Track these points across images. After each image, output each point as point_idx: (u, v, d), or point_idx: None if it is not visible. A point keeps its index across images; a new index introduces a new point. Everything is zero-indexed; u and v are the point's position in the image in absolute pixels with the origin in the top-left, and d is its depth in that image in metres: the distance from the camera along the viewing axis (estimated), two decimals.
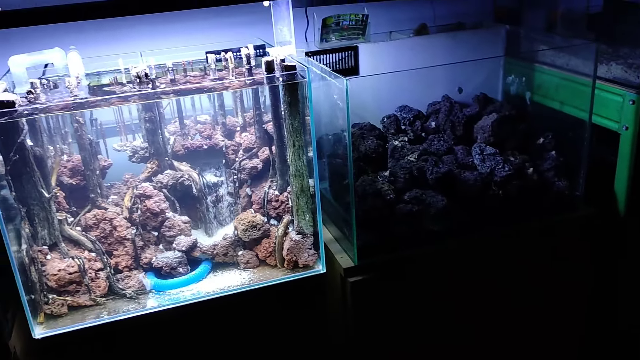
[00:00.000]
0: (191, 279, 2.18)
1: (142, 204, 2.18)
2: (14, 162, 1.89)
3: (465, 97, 2.86)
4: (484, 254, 2.39)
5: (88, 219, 2.14)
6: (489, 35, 2.87)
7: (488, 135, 2.50)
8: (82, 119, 2.09)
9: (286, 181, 2.22)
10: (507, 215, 2.41)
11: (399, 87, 2.78)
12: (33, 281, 1.98)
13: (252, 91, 2.33)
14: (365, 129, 2.54)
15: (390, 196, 2.31)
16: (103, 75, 2.23)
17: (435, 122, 2.62)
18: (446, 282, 2.37)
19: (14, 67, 2.10)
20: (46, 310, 2.02)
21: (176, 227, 2.21)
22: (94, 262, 2.09)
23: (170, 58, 2.16)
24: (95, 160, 2.16)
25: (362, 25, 2.69)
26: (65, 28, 2.27)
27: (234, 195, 2.32)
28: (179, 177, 2.23)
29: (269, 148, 2.28)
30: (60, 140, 2.24)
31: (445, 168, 2.34)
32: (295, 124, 2.07)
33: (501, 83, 2.94)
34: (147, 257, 2.18)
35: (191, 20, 2.60)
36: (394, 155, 2.44)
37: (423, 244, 2.31)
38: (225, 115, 2.43)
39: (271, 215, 2.26)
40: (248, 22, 2.63)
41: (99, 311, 2.06)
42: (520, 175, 2.43)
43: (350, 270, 2.25)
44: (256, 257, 2.26)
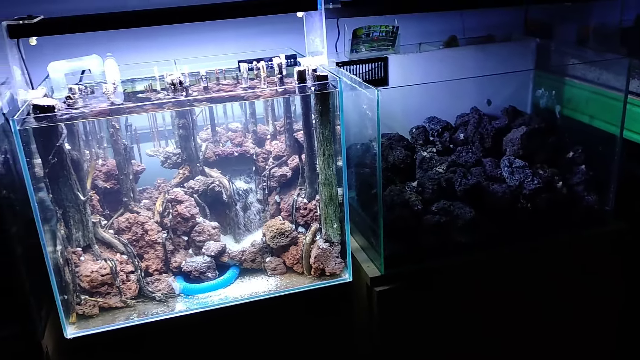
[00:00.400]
0: (219, 284, 2.21)
1: (173, 208, 2.22)
2: (52, 165, 1.94)
3: (493, 110, 2.85)
4: (512, 267, 2.37)
5: (121, 222, 2.18)
6: (519, 48, 2.87)
7: (517, 148, 2.49)
8: (117, 124, 2.15)
9: (315, 189, 2.25)
10: (536, 229, 2.40)
11: (428, 98, 2.79)
12: (67, 282, 2.02)
13: (283, 100, 2.37)
14: (393, 139, 2.55)
15: (417, 207, 2.31)
16: (138, 82, 2.28)
17: (463, 133, 2.62)
18: (473, 294, 2.36)
19: (53, 72, 2.16)
20: (78, 310, 2.07)
21: (206, 232, 2.24)
22: (126, 265, 2.13)
23: (204, 66, 2.21)
24: (129, 165, 2.21)
25: (392, 37, 2.71)
26: (103, 36, 2.34)
27: (263, 202, 2.35)
28: (209, 183, 2.27)
29: (298, 156, 2.30)
30: (96, 144, 2.30)
31: (473, 180, 2.34)
32: (326, 133, 2.09)
33: (530, 96, 2.93)
34: (177, 261, 2.21)
35: (224, 30, 2.65)
36: (422, 166, 2.45)
37: (450, 255, 2.31)
38: (256, 124, 2.47)
39: (299, 223, 2.28)
40: (279, 32, 2.67)
41: (129, 313, 2.10)
42: (549, 188, 2.41)
43: (377, 280, 2.25)
44: (283, 264, 2.28)
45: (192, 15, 2.12)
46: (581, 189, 2.47)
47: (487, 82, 2.81)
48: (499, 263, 2.36)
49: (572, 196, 2.46)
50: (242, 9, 2.10)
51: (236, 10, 2.12)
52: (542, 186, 2.37)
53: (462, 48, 2.82)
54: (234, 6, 2.12)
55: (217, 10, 2.11)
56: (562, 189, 2.43)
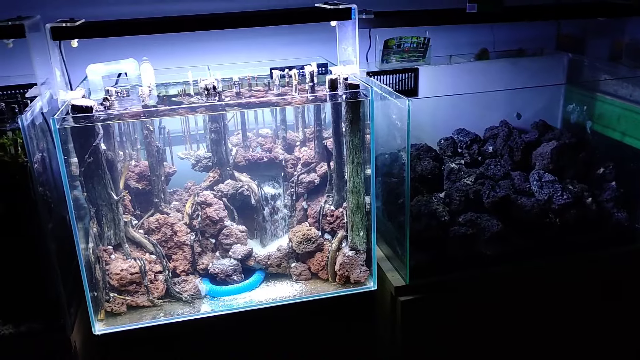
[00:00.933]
0: (245, 287, 2.23)
1: (202, 211, 2.25)
2: (88, 164, 1.99)
3: (523, 123, 2.85)
4: (538, 281, 2.35)
5: (151, 222, 2.22)
6: (551, 63, 2.86)
7: (547, 163, 2.47)
8: (152, 126, 2.19)
9: (342, 197, 2.26)
10: (564, 245, 2.38)
11: (457, 110, 2.79)
12: (97, 279, 2.07)
13: (314, 107, 2.39)
14: (421, 150, 2.55)
15: (444, 218, 2.32)
16: (172, 87, 2.32)
17: (492, 146, 2.62)
18: (497, 307, 2.35)
19: (91, 75, 2.22)
20: (106, 307, 2.11)
21: (233, 235, 2.27)
22: (154, 265, 2.17)
23: (236, 73, 2.24)
24: (160, 167, 2.26)
25: (423, 48, 2.73)
26: (139, 40, 2.40)
27: (290, 208, 2.37)
28: (239, 187, 2.30)
29: (327, 163, 2.32)
30: (130, 145, 2.35)
31: (502, 192, 2.34)
32: (355, 141, 2.11)
33: (561, 111, 2.91)
34: (204, 263, 2.25)
35: (257, 38, 2.69)
36: (450, 178, 2.45)
37: (476, 267, 2.30)
38: (286, 130, 2.49)
39: (325, 230, 2.29)
40: (311, 41, 2.71)
41: (156, 312, 2.13)
42: (578, 204, 2.39)
43: (402, 289, 2.25)
44: (308, 270, 2.29)
45: (228, 22, 2.16)
46: (611, 205, 2.45)
47: (517, 95, 2.81)
48: (525, 277, 2.34)
49: (602, 213, 2.43)
50: (278, 17, 2.14)
51: (272, 18, 2.15)
52: (571, 201, 2.35)
53: (493, 61, 2.82)
54: (270, 14, 2.16)
55: (253, 17, 2.15)
56: (592, 205, 2.41)
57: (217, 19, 2.14)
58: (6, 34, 1.92)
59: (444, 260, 2.30)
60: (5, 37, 1.95)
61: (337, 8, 2.15)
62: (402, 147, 2.22)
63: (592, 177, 2.53)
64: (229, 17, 2.14)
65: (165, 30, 2.14)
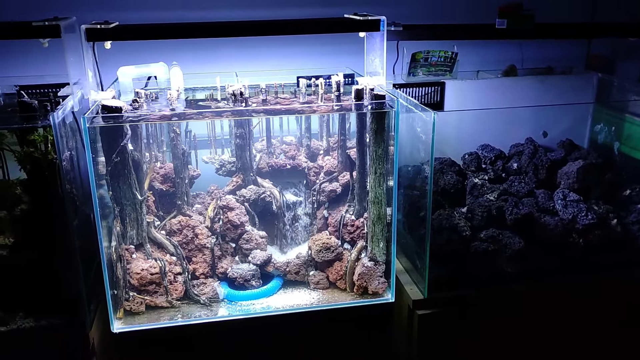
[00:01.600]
0: (262, 292, 2.24)
1: (224, 215, 2.27)
2: (114, 164, 2.03)
3: (549, 142, 2.82)
4: (558, 301, 2.32)
5: (173, 224, 2.25)
6: (579, 82, 2.83)
7: (572, 182, 2.44)
8: (178, 129, 2.22)
9: (363, 207, 2.26)
10: (588, 265, 2.34)
11: (482, 126, 2.78)
12: (118, 277, 2.09)
13: (339, 117, 2.40)
14: (445, 163, 2.55)
15: (466, 233, 2.30)
16: (200, 91, 2.36)
17: (517, 163, 2.60)
18: (516, 325, 2.31)
19: (122, 77, 2.26)
20: (126, 306, 2.13)
21: (253, 240, 2.28)
22: (174, 266, 2.19)
23: (264, 80, 2.27)
24: (185, 170, 2.28)
25: (450, 63, 2.73)
26: (170, 45, 2.45)
27: (311, 216, 2.38)
28: (261, 193, 2.31)
29: (349, 173, 2.33)
30: (156, 147, 2.39)
31: (525, 210, 2.31)
32: (379, 152, 2.11)
33: (588, 131, 2.88)
34: (223, 267, 2.26)
35: (285, 47, 2.72)
36: (473, 193, 2.43)
37: (496, 284, 2.28)
38: (310, 138, 2.51)
39: (345, 239, 2.29)
40: (339, 52, 2.72)
41: (174, 313, 2.14)
42: (603, 225, 2.36)
43: (420, 303, 2.24)
44: (327, 279, 2.29)
45: (258, 29, 2.19)
46: (637, 228, 2.41)
47: (544, 113, 2.79)
48: (547, 296, 2.31)
49: (627, 235, 2.39)
50: (308, 27, 2.16)
51: (302, 27, 2.17)
52: (596, 222, 2.32)
53: (521, 78, 2.81)
54: (301, 23, 2.18)
55: (284, 26, 2.17)
56: (617, 226, 2.37)
57: (247, 26, 2.18)
58: (42, 33, 1.97)
59: (463, 276, 2.27)
60: (42, 36, 2.00)
61: (367, 19, 2.16)
62: (426, 160, 2.21)
63: (618, 199, 2.49)
64: (259, 24, 2.17)
65: (196, 35, 2.18)
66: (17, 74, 2.42)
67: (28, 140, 1.97)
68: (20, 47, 2.38)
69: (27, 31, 1.97)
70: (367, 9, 2.40)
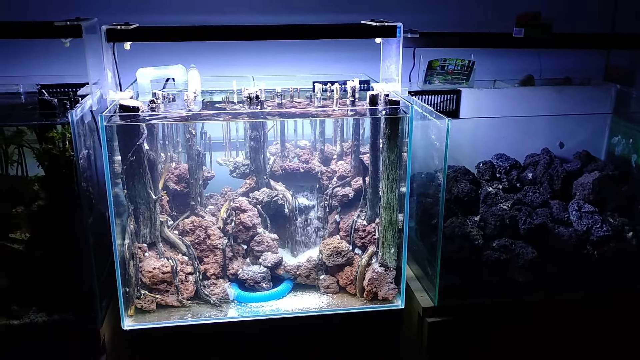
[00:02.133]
0: (272, 295, 2.25)
1: (236, 216, 2.28)
2: (130, 163, 2.06)
3: (565, 153, 2.80)
4: (571, 313, 2.29)
5: (186, 224, 2.27)
6: (597, 93, 2.80)
7: (588, 193, 2.42)
8: (194, 130, 2.25)
9: (375, 212, 2.26)
10: (601, 278, 2.31)
11: (498, 135, 2.77)
12: (130, 275, 2.12)
13: (353, 122, 2.41)
14: (459, 172, 2.54)
15: (478, 241, 2.29)
16: (217, 94, 2.39)
17: (532, 173, 2.58)
18: (527, 335, 2.29)
19: (140, 78, 2.30)
20: (137, 304, 2.15)
21: (265, 243, 2.29)
22: (186, 266, 2.21)
23: (280, 85, 2.29)
24: (199, 171, 2.31)
25: (467, 71, 2.72)
26: (189, 48, 2.48)
27: (323, 220, 2.38)
28: (274, 195, 2.33)
29: (362, 178, 2.33)
30: (172, 148, 2.41)
31: (539, 220, 2.30)
32: (392, 158, 2.11)
33: (606, 143, 2.85)
34: (234, 268, 2.27)
35: (303, 53, 2.74)
36: (487, 202, 2.42)
37: (507, 293, 2.26)
38: (324, 143, 2.52)
39: (356, 244, 2.29)
40: (355, 59, 2.74)
41: (184, 313, 2.16)
42: (618, 238, 2.33)
43: (430, 310, 2.23)
44: (337, 284, 2.29)
45: (276, 33, 2.21)
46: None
47: (561, 124, 2.77)
48: (559, 307, 2.28)
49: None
50: (326, 32, 2.17)
51: (320, 32, 2.19)
52: (610, 234, 2.29)
53: (538, 88, 2.79)
54: (319, 28, 2.19)
55: (302, 30, 2.19)
56: (632, 239, 2.34)
57: (264, 30, 2.20)
58: (64, 33, 2.01)
59: (474, 284, 2.26)
60: (64, 36, 2.04)
61: (383, 25, 2.17)
62: (439, 168, 2.21)
63: (635, 212, 2.46)
64: (276, 28, 2.19)
65: (213, 38, 2.20)
66: (39, 74, 2.47)
67: (47, 137, 2.00)
68: (43, 47, 2.43)
69: (50, 31, 2.01)
70: (386, 17, 2.42)
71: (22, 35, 2.06)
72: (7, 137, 2.16)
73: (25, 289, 2.09)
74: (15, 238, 2.11)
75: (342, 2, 2.75)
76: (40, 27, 2.02)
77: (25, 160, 2.21)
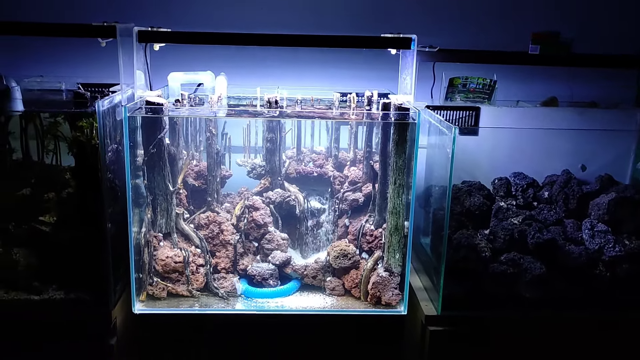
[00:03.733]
0: (278, 292, 2.31)
1: (249, 214, 2.38)
2: (151, 155, 2.19)
3: (588, 176, 2.76)
4: (578, 333, 2.24)
5: (201, 218, 2.38)
6: (622, 117, 2.78)
7: (603, 213, 2.39)
8: (214, 129, 2.38)
9: (383, 218, 2.31)
10: (613, 300, 2.27)
11: (519, 155, 2.76)
12: (144, 262, 2.23)
13: (366, 130, 2.49)
14: (474, 187, 2.55)
15: (485, 254, 2.29)
16: (242, 100, 2.51)
17: (548, 192, 2.57)
18: (529, 351, 2.25)
19: (171, 82, 2.44)
20: (149, 290, 2.26)
21: (275, 241, 2.37)
22: (198, 258, 2.31)
23: (302, 94, 2.39)
24: (218, 169, 2.42)
25: (488, 90, 2.76)
26: (221, 59, 2.63)
27: (333, 223, 2.44)
28: (286, 196, 2.41)
29: (372, 184, 2.39)
30: (194, 147, 2.55)
31: (548, 235, 2.28)
32: (399, 163, 2.17)
33: (631, 168, 2.80)
34: (244, 264, 2.35)
35: (328, 69, 2.86)
36: (498, 216, 2.42)
37: (512, 308, 2.24)
38: (338, 149, 2.60)
39: (363, 248, 2.34)
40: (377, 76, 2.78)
41: (192, 303, 2.25)
42: (633, 259, 2.28)
43: (432, 319, 2.23)
44: (342, 286, 2.34)
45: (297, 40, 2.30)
46: None
47: (583, 145, 2.75)
48: (565, 326, 2.24)
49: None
50: (343, 41, 2.26)
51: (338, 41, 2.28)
52: (623, 254, 2.25)
53: (560, 109, 2.79)
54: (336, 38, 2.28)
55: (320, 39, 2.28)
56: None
57: (286, 37, 2.29)
58: (100, 33, 2.19)
59: (479, 296, 2.26)
60: (100, 35, 2.21)
61: (398, 37, 2.26)
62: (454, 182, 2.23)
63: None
64: (296, 37, 2.29)
65: (237, 42, 2.31)
66: (83, 75, 2.67)
67: (77, 126, 2.17)
68: (88, 51, 2.62)
69: (87, 31, 2.18)
70: None
71: (63, 33, 2.24)
72: (44, 128, 2.34)
73: (48, 268, 2.23)
74: (44, 221, 2.27)
75: (368, 24, 2.85)
76: (78, 27, 2.20)
77: (60, 151, 2.39)
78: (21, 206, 2.27)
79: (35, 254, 2.24)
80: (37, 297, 2.19)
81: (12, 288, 2.22)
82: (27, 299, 2.18)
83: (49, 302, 2.18)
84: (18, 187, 2.30)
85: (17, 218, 2.26)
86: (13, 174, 2.36)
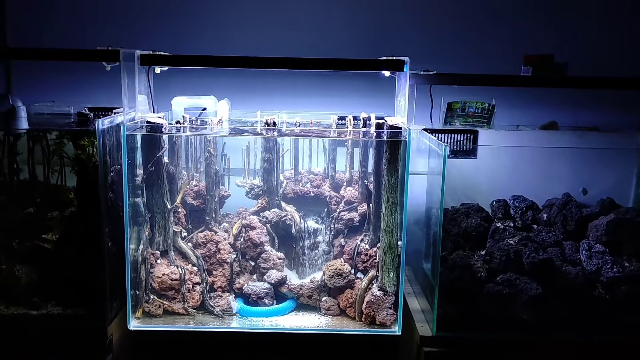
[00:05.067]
0: (273, 311, 2.32)
1: (246, 233, 2.41)
2: (149, 173, 2.25)
3: (590, 200, 2.74)
4: (576, 355, 2.19)
5: (199, 237, 2.41)
6: (622, 141, 2.76)
7: (601, 234, 2.36)
8: (213, 150, 2.44)
9: (378, 237, 2.32)
10: (611, 321, 2.22)
11: (519, 178, 2.75)
12: (141, 279, 2.26)
13: (361, 151, 2.52)
14: (472, 209, 2.55)
15: (481, 274, 2.27)
16: (242, 124, 2.58)
17: (547, 214, 2.55)
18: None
19: (175, 106, 2.53)
20: (145, 307, 2.28)
21: (271, 260, 2.39)
22: (194, 276, 2.33)
23: (302, 118, 2.45)
24: (216, 189, 2.47)
25: (487, 115, 2.78)
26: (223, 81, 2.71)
27: (329, 242, 2.46)
28: (283, 216, 2.44)
29: (367, 203, 2.41)
30: (194, 167, 2.61)
31: (544, 255, 2.26)
32: (392, 181, 2.19)
33: (633, 192, 2.77)
34: (240, 283, 2.37)
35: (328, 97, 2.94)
36: (494, 237, 2.42)
37: (508, 329, 2.21)
38: (335, 170, 2.63)
39: (358, 268, 2.34)
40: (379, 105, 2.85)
41: (188, 320, 2.27)
42: (632, 281, 2.24)
43: (427, 340, 2.21)
44: (337, 306, 2.33)
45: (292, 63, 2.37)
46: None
47: (585, 170, 2.73)
48: (561, 349, 2.19)
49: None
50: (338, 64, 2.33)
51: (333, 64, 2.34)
52: (621, 275, 2.21)
53: (559, 132, 2.79)
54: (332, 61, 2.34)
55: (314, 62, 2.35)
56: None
57: (283, 60, 2.36)
58: (104, 57, 2.28)
59: (474, 317, 2.23)
60: (103, 59, 2.30)
61: (391, 59, 2.31)
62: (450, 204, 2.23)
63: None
64: (293, 59, 2.35)
65: (235, 65, 2.39)
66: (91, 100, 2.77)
67: (79, 145, 2.25)
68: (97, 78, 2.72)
69: (91, 55, 2.28)
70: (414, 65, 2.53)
71: (69, 57, 2.35)
72: (50, 149, 2.43)
73: (48, 284, 2.28)
74: (47, 238, 2.33)
75: (369, 50, 2.93)
76: (83, 52, 2.30)
77: (64, 171, 2.46)
78: (25, 224, 2.34)
79: (36, 270, 2.29)
80: (36, 312, 2.23)
81: (12, 303, 2.26)
82: (25, 314, 2.22)
83: (46, 317, 2.22)
84: (24, 206, 2.38)
85: (21, 235, 2.32)
86: (20, 194, 2.44)
